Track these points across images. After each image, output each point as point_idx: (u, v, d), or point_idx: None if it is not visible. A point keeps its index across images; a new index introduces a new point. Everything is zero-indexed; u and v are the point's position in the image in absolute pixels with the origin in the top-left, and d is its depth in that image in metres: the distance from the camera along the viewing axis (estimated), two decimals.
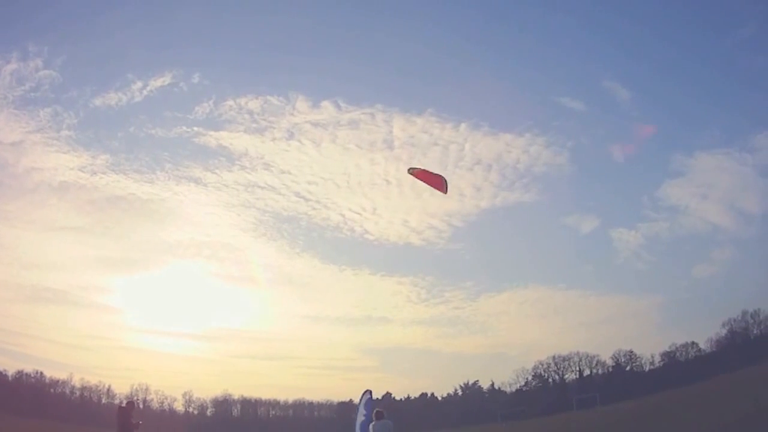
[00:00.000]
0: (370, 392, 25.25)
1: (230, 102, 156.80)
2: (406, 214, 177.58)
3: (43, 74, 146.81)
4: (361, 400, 25.13)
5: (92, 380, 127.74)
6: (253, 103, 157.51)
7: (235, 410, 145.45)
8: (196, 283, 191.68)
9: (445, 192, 23.32)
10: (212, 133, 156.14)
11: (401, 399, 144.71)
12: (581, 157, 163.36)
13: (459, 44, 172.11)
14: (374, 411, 23.68)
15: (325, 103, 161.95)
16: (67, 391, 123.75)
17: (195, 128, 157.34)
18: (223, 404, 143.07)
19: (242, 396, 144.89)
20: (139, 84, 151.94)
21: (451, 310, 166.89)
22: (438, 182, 22.93)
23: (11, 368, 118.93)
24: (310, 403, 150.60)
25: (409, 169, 23.67)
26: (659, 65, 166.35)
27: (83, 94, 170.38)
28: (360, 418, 24.55)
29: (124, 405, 34.80)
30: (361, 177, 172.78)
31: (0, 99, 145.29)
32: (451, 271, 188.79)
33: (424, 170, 23.16)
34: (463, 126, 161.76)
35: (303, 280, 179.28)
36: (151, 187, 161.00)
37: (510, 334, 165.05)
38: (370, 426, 21.81)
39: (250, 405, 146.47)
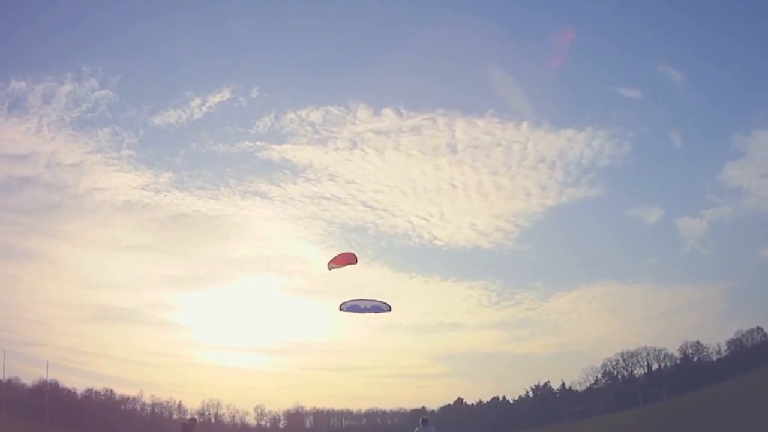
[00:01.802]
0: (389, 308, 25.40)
1: (291, 114, 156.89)
2: (473, 217, 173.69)
3: (99, 95, 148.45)
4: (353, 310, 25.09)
5: (163, 396, 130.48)
6: (314, 115, 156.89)
7: (308, 421, 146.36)
8: (265, 298, 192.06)
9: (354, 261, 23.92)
10: (275, 146, 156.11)
11: (473, 404, 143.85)
12: (643, 147, 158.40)
13: (513, 42, 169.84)
14: (421, 419, 24.61)
15: (386, 111, 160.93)
16: (138, 408, 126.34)
17: (257, 142, 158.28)
18: (295, 416, 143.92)
19: (314, 407, 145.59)
20: (198, 101, 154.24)
21: (522, 312, 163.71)
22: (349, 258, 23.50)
23: (80, 386, 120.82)
24: (383, 412, 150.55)
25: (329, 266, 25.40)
26: (708, 44, 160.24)
27: (142, 113, 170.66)
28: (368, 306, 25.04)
29: (187, 422, 35.51)
30: (426, 183, 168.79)
31: (57, 121, 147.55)
32: (520, 273, 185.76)
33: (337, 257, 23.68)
34: (524, 125, 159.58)
35: (373, 290, 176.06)
36: (216, 203, 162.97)
37: (581, 332, 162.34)
38: (416, 430, 23.00)
39: (322, 416, 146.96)
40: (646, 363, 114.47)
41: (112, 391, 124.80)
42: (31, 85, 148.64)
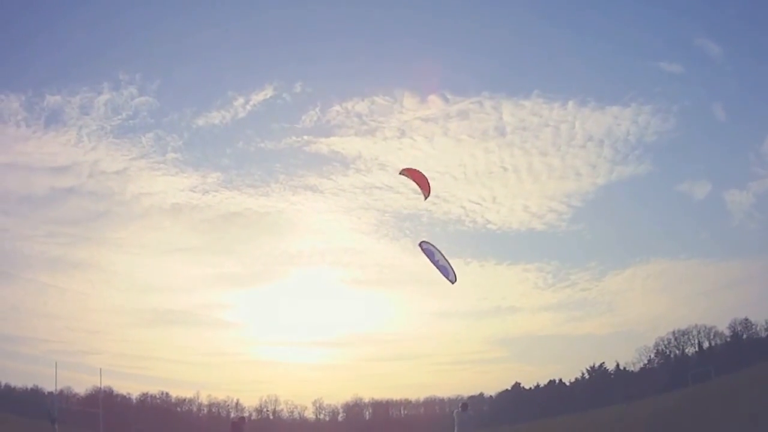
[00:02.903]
0: (454, 279, 25.54)
1: (336, 107, 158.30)
2: (525, 199, 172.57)
3: (138, 101, 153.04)
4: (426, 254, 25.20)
5: (220, 396, 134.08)
6: (360, 106, 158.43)
7: (367, 413, 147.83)
8: (321, 291, 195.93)
9: (425, 195, 24.39)
10: (322, 139, 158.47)
11: (530, 388, 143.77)
12: (687, 121, 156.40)
13: (554, 22, 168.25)
14: (460, 404, 25.68)
15: (432, 97, 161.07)
16: (195, 409, 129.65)
17: (305, 137, 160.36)
18: (354, 408, 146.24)
19: (373, 398, 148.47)
20: (241, 100, 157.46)
21: (577, 293, 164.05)
22: (424, 183, 23.96)
23: (135, 391, 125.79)
24: (441, 400, 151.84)
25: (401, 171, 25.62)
26: (743, 15, 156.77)
27: (184, 116, 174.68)
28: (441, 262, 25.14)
29: (237, 420, 36.76)
30: (477, 167, 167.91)
31: (97, 130, 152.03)
32: (575, 253, 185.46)
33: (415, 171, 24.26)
34: (570, 103, 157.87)
35: (429, 277, 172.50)
36: (266, 199, 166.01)
37: (636, 311, 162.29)
38: (454, 413, 24.12)
39: (381, 407, 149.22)
40: (696, 341, 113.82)
41: (167, 393, 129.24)
42: (67, 97, 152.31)
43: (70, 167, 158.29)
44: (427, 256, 25.07)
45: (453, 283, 25.46)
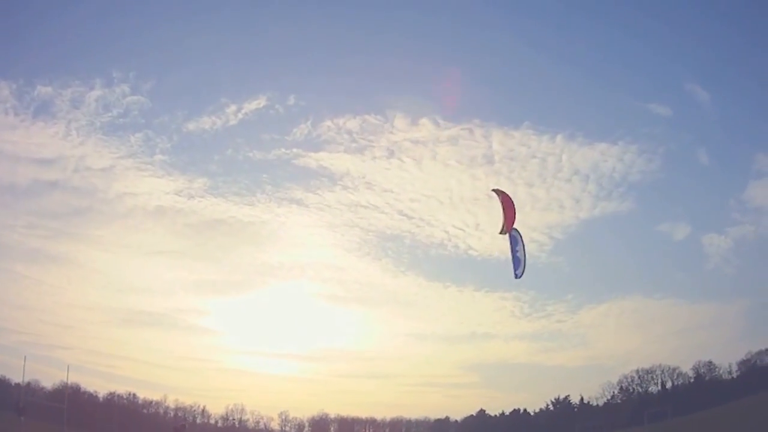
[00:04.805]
0: (521, 275, 25.96)
1: (328, 122, 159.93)
2: None
3: (130, 100, 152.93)
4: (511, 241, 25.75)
5: (187, 401, 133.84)
6: (351, 123, 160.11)
7: (332, 429, 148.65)
8: (299, 305, 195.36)
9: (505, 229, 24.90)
10: (312, 154, 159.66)
11: (495, 415, 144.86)
12: (671, 163, 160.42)
13: (549, 57, 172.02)
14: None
15: (424, 121, 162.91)
16: (161, 412, 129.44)
17: (294, 150, 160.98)
18: (319, 423, 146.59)
19: (339, 415, 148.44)
20: (234, 108, 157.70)
21: (553, 324, 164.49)
22: (511, 216, 24.54)
23: (103, 389, 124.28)
24: (408, 421, 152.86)
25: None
26: (733, 65, 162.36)
27: (175, 118, 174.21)
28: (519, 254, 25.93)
29: (178, 427, 37.93)
30: (463, 193, 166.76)
31: (86, 126, 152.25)
32: (552, 285, 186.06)
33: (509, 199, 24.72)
34: (559, 137, 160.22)
35: (408, 299, 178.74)
36: (251, 209, 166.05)
37: (608, 346, 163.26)
38: None
39: (346, 423, 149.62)
40: (660, 381, 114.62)
41: (134, 394, 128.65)
42: (58, 89, 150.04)
43: (56, 160, 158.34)
44: (510, 243, 25.82)
45: (517, 278, 25.67)
